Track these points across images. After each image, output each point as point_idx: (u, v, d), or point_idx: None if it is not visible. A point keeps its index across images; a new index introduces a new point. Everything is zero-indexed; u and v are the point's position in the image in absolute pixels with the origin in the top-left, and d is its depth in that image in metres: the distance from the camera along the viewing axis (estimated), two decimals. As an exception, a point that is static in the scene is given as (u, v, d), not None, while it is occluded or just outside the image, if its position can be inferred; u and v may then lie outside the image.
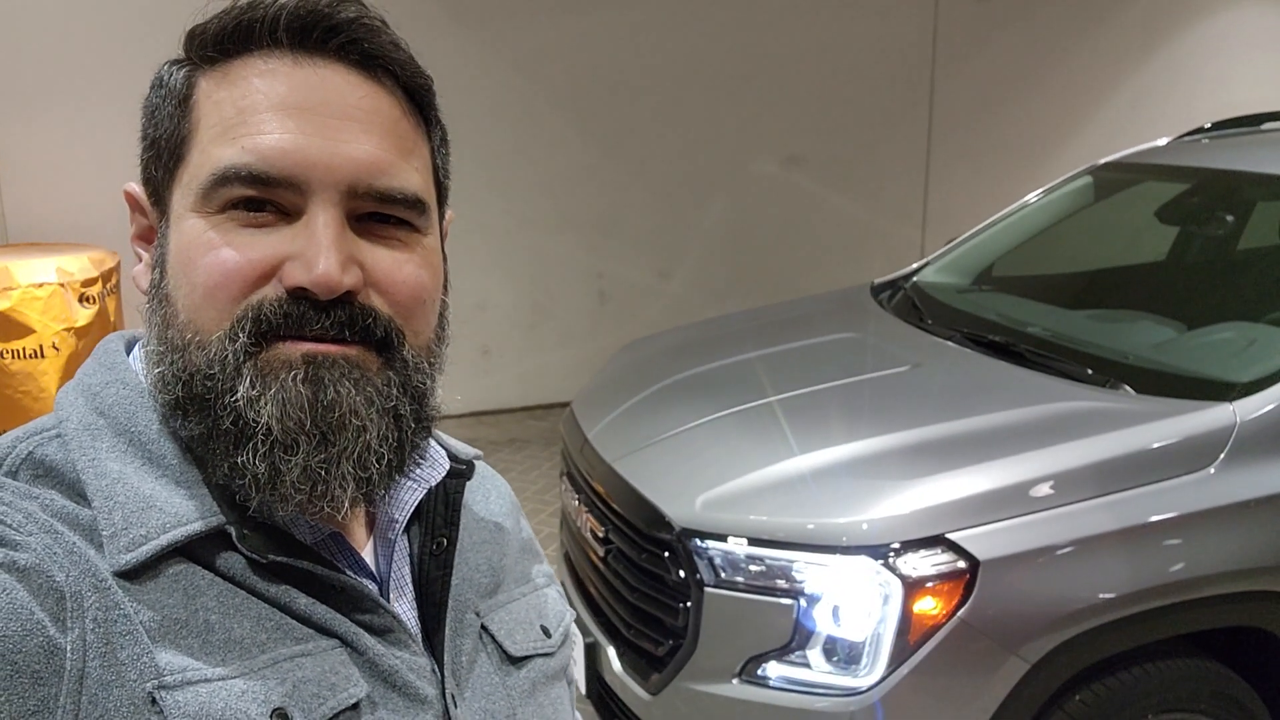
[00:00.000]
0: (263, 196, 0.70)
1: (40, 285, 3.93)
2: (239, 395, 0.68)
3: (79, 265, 4.10)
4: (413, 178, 0.74)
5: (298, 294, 0.69)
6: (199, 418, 0.70)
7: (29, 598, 0.61)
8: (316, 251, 0.69)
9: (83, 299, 4.07)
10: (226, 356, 0.69)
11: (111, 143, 4.51)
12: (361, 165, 0.71)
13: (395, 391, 0.73)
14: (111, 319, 4.24)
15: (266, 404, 0.68)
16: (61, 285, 3.99)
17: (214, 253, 0.70)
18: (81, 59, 4.70)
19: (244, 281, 0.69)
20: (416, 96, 0.77)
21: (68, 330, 3.98)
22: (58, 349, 3.96)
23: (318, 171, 0.70)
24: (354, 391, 0.70)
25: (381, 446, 0.72)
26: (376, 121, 0.73)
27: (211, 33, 0.72)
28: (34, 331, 3.92)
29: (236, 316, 0.69)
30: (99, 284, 4.16)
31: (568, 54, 5.67)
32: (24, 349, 3.92)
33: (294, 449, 0.69)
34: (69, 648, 0.61)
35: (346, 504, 0.71)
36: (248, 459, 0.68)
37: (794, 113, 6.21)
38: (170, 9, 0.76)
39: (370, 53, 0.73)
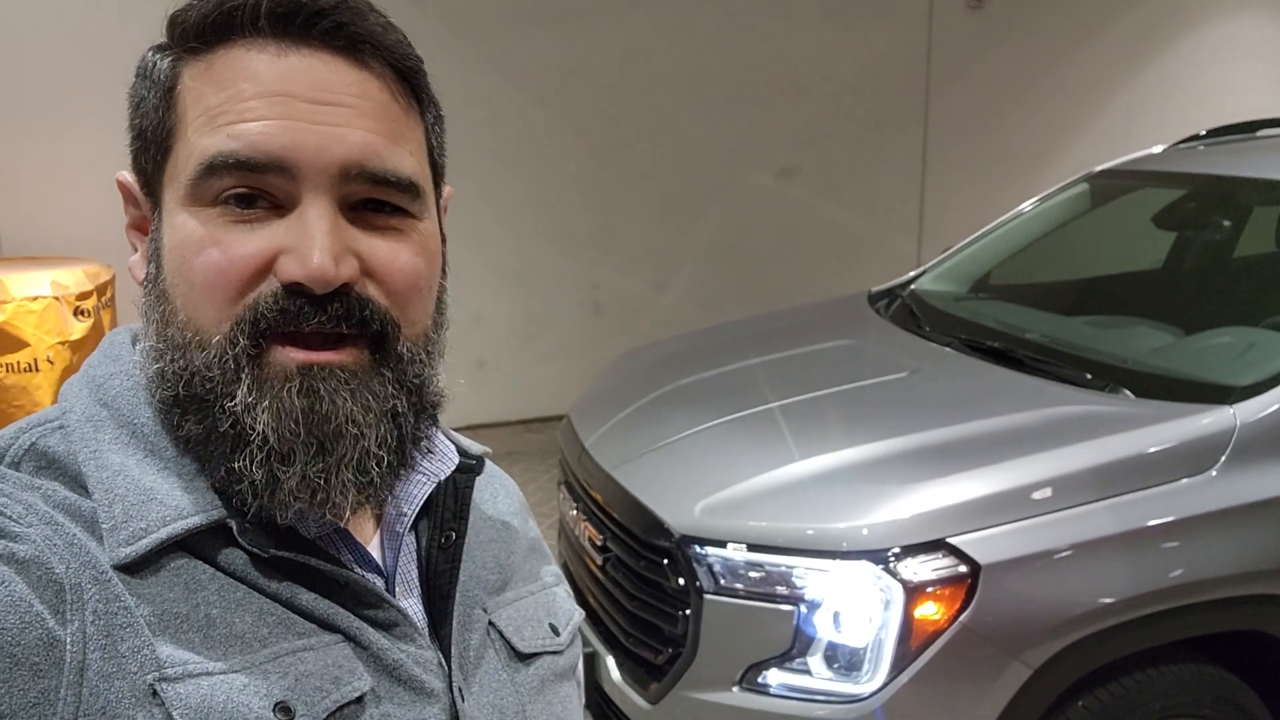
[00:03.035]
0: (253, 186, 0.69)
1: (35, 299, 3.92)
2: (237, 400, 0.68)
3: (74, 278, 4.09)
4: (406, 161, 0.73)
5: (293, 288, 0.68)
6: (197, 417, 0.70)
7: (28, 590, 0.60)
8: (310, 245, 0.68)
9: (77, 312, 4.06)
10: (227, 360, 0.68)
11: (105, 155, 4.50)
12: (353, 148, 0.69)
13: (391, 390, 0.72)
14: (106, 332, 4.21)
15: (262, 413, 0.68)
16: (56, 298, 3.97)
17: (207, 251, 0.68)
18: (75, 72, 4.70)
19: (239, 280, 0.68)
20: (407, 78, 0.75)
21: (62, 344, 3.97)
22: (52, 362, 3.94)
23: (308, 154, 0.68)
24: (350, 401, 0.70)
25: (380, 449, 0.71)
26: (366, 107, 0.71)
27: (193, 21, 0.71)
28: (28, 345, 3.90)
29: (235, 317, 0.68)
30: (94, 297, 4.14)
31: (562, 67, 5.67)
32: (18, 362, 3.90)
33: (290, 459, 0.68)
34: (69, 640, 0.61)
35: (348, 509, 0.71)
36: (245, 465, 0.68)
37: (789, 124, 6.21)
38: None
39: (356, 36, 0.71)
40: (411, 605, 0.80)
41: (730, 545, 2.16)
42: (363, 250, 0.71)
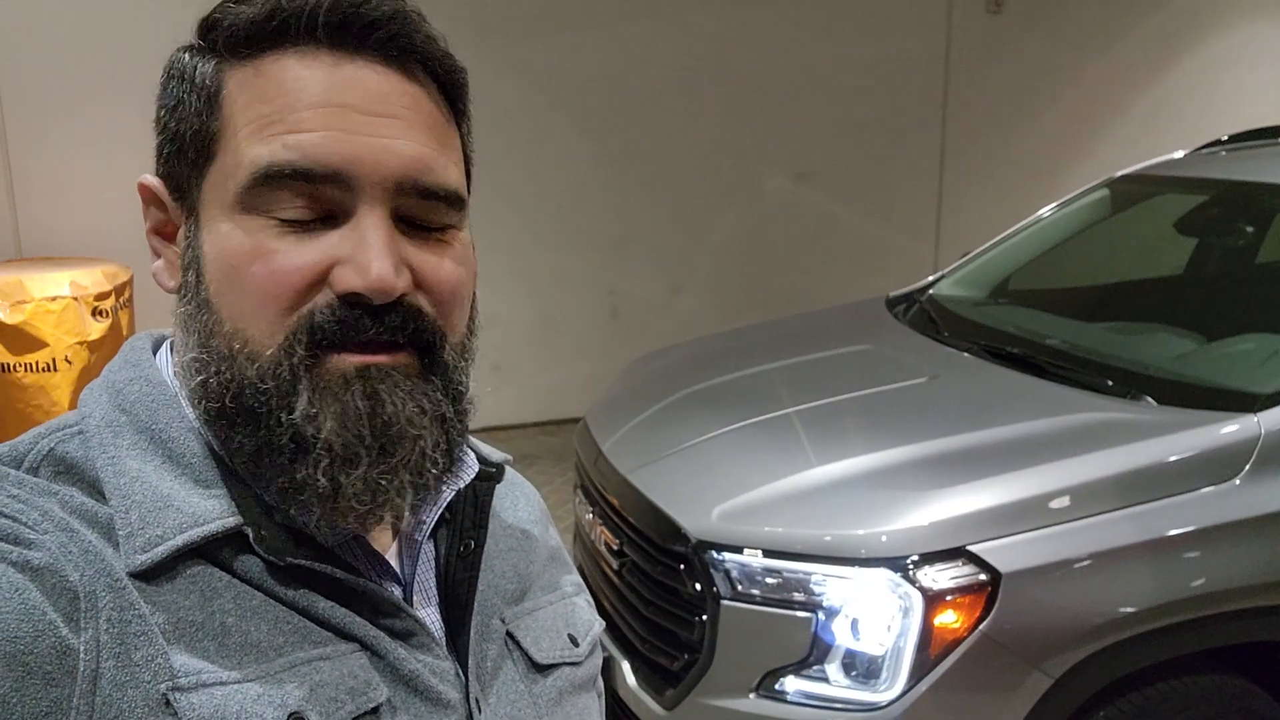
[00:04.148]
0: (307, 196, 0.68)
1: (54, 299, 3.94)
2: (297, 413, 0.67)
3: (92, 279, 4.11)
4: (452, 173, 0.73)
5: (351, 299, 0.68)
6: (249, 430, 0.69)
7: (42, 598, 0.60)
8: (370, 255, 0.67)
9: (96, 313, 4.08)
10: (283, 371, 0.67)
11: (125, 156, 4.53)
12: (409, 162, 0.69)
13: (440, 396, 0.72)
14: (124, 333, 4.24)
15: (326, 420, 0.67)
16: (75, 299, 3.99)
17: (261, 260, 0.68)
18: (96, 73, 4.72)
19: (295, 291, 0.68)
20: (450, 90, 0.75)
21: (81, 344, 3.98)
22: (70, 362, 3.96)
23: (365, 167, 0.68)
24: (409, 402, 0.70)
25: (435, 452, 0.72)
26: (416, 119, 0.71)
27: (241, 25, 0.70)
28: (47, 345, 3.92)
29: (291, 328, 0.68)
30: (112, 298, 4.16)
31: (580, 70, 5.68)
32: (37, 362, 3.92)
33: (355, 462, 0.68)
34: (82, 649, 0.60)
35: (406, 512, 0.71)
36: (309, 474, 0.67)
37: (806, 128, 6.21)
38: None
39: (409, 48, 0.71)
40: (429, 615, 0.79)
41: (747, 551, 2.15)
42: (413, 261, 0.71)
